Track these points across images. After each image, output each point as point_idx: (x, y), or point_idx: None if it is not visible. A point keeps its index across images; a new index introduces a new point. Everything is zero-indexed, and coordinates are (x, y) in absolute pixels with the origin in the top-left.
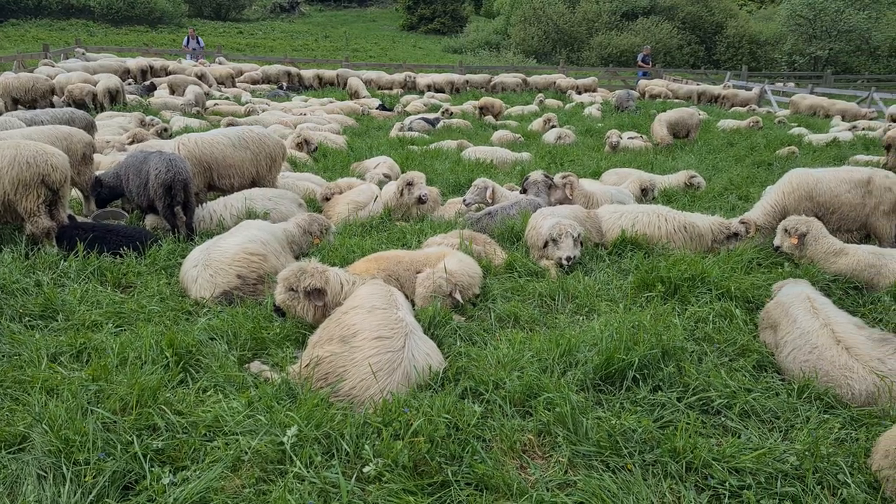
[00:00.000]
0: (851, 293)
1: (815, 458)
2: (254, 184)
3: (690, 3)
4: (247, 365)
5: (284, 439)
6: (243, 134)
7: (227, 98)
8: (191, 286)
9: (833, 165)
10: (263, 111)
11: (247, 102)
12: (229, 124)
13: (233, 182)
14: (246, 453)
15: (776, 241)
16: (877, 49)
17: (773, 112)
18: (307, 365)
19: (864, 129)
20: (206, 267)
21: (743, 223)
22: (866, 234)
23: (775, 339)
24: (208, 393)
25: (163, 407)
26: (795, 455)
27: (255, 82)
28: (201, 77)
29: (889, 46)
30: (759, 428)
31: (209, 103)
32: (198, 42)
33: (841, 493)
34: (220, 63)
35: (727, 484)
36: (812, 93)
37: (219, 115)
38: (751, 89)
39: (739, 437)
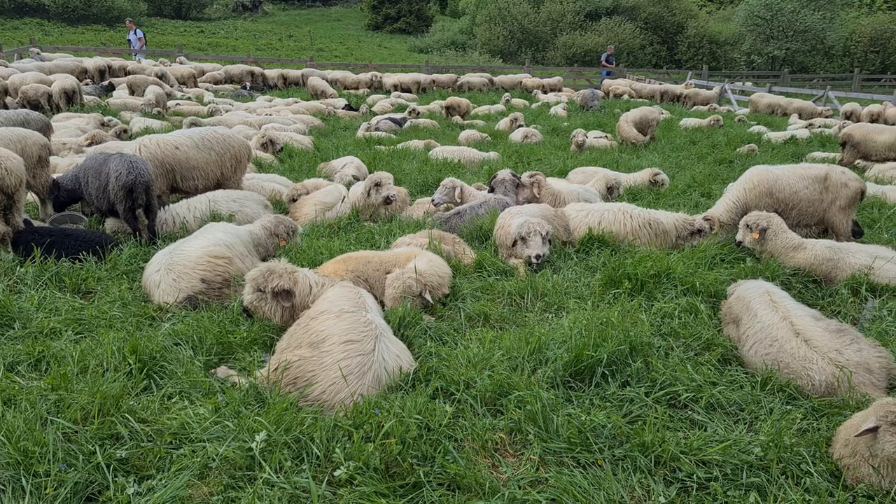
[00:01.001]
0: (810, 287)
1: (778, 448)
2: (218, 185)
3: (652, 3)
4: (213, 370)
5: (253, 445)
6: (207, 135)
7: (188, 98)
8: (153, 291)
9: (791, 162)
10: (227, 111)
11: (209, 102)
12: (192, 124)
13: (197, 184)
14: (213, 460)
15: (738, 237)
16: (831, 49)
17: (733, 111)
18: (276, 369)
19: (820, 126)
20: (170, 271)
21: (707, 220)
22: (824, 229)
23: (738, 334)
24: (173, 400)
25: (126, 415)
26: (760, 446)
27: (217, 82)
28: (162, 77)
29: (843, 46)
30: (724, 420)
31: (170, 104)
32: (135, 34)
33: (804, 483)
34: (180, 63)
35: (695, 476)
36: (770, 92)
37: (180, 115)
38: (711, 88)
39: (706, 429)
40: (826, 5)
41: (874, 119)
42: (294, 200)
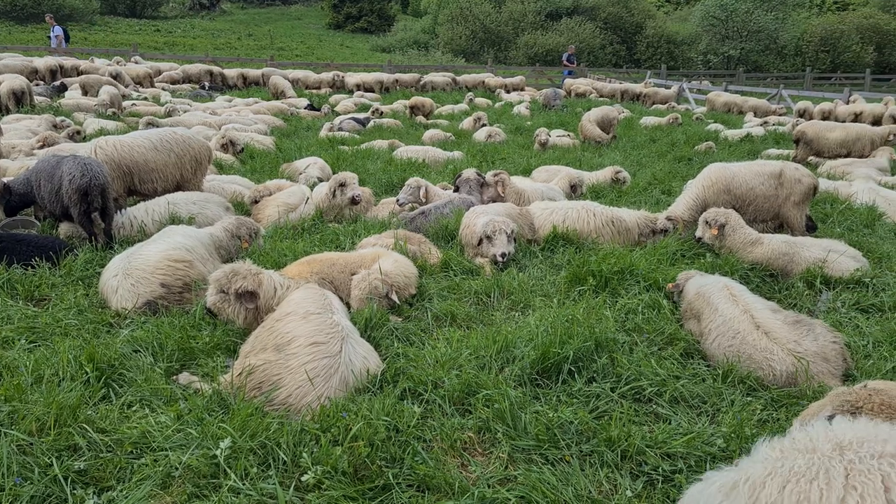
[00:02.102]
0: (768, 280)
1: (740, 439)
2: (178, 188)
3: (611, 3)
4: (175, 377)
5: (217, 452)
6: (166, 136)
7: (144, 98)
8: (111, 297)
9: (747, 160)
10: (185, 112)
11: (166, 103)
12: (149, 124)
13: (156, 186)
14: (176, 469)
15: (698, 233)
16: (784, 48)
17: (691, 109)
18: (240, 374)
19: (774, 124)
20: (128, 276)
21: (670, 220)
22: (779, 224)
23: (700, 328)
24: (134, 408)
25: (84, 425)
26: (722, 437)
27: (174, 82)
28: (116, 77)
29: (795, 46)
30: (687, 413)
31: (126, 104)
32: (54, 31)
33: None
34: (136, 62)
35: (660, 469)
36: (726, 90)
37: (136, 116)
38: (670, 87)
39: (670, 423)
40: (778, 6)
41: (826, 117)
42: (256, 202)
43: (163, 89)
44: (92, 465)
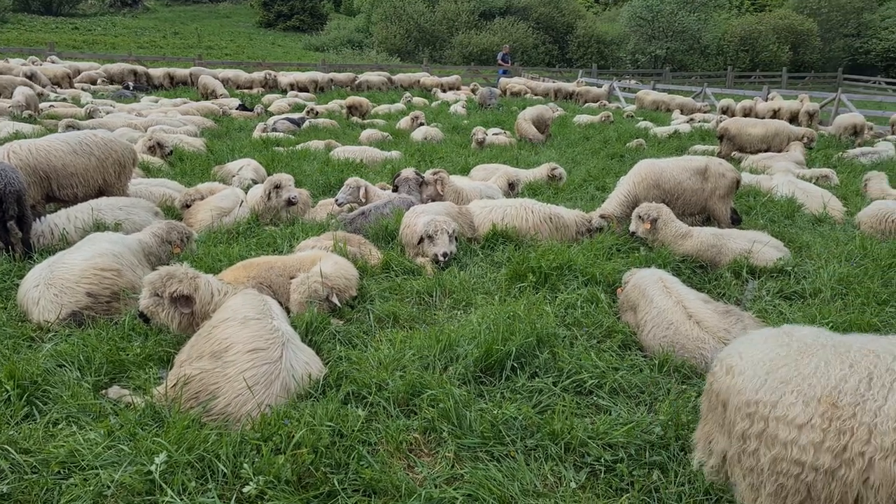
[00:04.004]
0: (698, 272)
1: (677, 426)
2: (101, 193)
3: (542, 4)
4: (104, 391)
5: (152, 468)
6: (86, 139)
7: (63, 99)
8: (32, 309)
9: (675, 156)
10: (108, 113)
11: (87, 104)
12: (69, 127)
13: (76, 192)
14: (108, 488)
15: (632, 228)
16: (707, 48)
17: (622, 107)
18: (175, 384)
19: (700, 121)
20: (50, 286)
21: (603, 217)
22: (707, 217)
23: (636, 320)
24: (60, 426)
25: (5, 446)
26: (660, 425)
27: (95, 82)
28: (31, 77)
29: (717, 46)
30: (627, 403)
31: (43, 105)
32: None
33: None
34: (52, 62)
35: (602, 460)
36: (654, 89)
37: (55, 118)
38: (601, 86)
39: (610, 413)
40: (700, 7)
41: (747, 114)
42: (188, 206)
43: (83, 90)
44: (16, 489)
